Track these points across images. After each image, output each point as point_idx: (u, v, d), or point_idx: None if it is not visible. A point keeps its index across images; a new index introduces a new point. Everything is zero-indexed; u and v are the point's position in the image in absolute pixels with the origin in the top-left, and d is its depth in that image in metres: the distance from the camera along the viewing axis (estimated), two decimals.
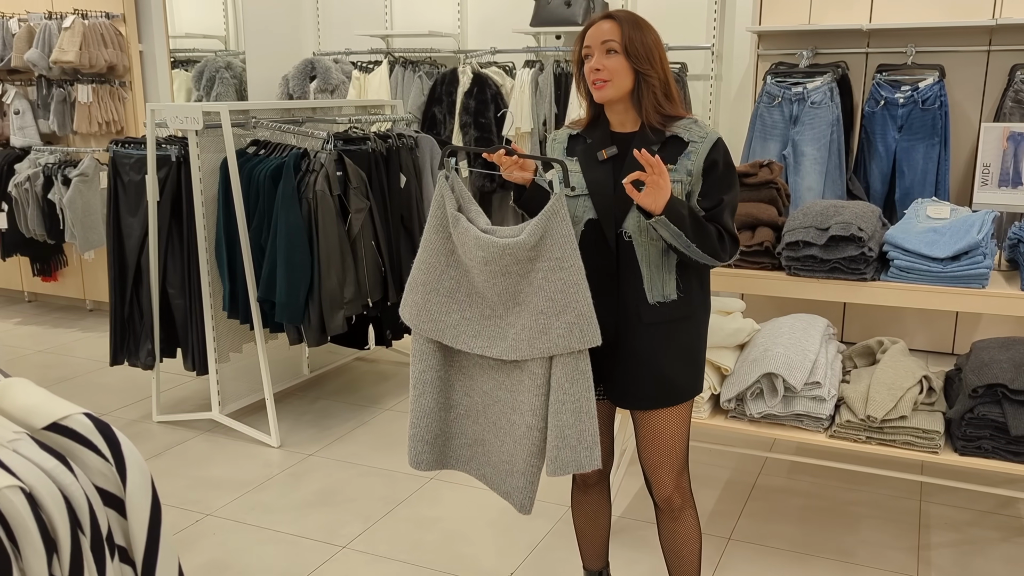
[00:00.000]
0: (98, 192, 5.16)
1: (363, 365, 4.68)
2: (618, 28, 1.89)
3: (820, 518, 2.98)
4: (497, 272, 1.88)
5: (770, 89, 4.40)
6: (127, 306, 3.87)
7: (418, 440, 2.06)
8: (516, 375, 1.94)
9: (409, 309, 2.04)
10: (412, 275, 2.04)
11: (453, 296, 1.99)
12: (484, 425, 2.05)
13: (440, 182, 1.97)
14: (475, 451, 2.08)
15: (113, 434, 0.78)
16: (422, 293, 2.01)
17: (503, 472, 2.02)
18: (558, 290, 1.84)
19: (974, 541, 2.83)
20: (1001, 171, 2.87)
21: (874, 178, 4.33)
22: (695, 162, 1.91)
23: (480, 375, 2.02)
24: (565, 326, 1.85)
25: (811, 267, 2.74)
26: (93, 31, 5.17)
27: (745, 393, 2.61)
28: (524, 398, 1.93)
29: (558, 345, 1.85)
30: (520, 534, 2.91)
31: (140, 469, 0.78)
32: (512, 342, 1.90)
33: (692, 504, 2.14)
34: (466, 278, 1.97)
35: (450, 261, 1.98)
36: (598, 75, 1.90)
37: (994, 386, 2.37)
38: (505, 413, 1.99)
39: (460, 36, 5.75)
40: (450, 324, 1.99)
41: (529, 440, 1.93)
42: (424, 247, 2.01)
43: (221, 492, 3.23)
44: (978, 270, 2.56)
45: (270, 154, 3.67)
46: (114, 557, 0.76)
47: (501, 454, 2.02)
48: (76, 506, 0.73)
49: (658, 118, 1.93)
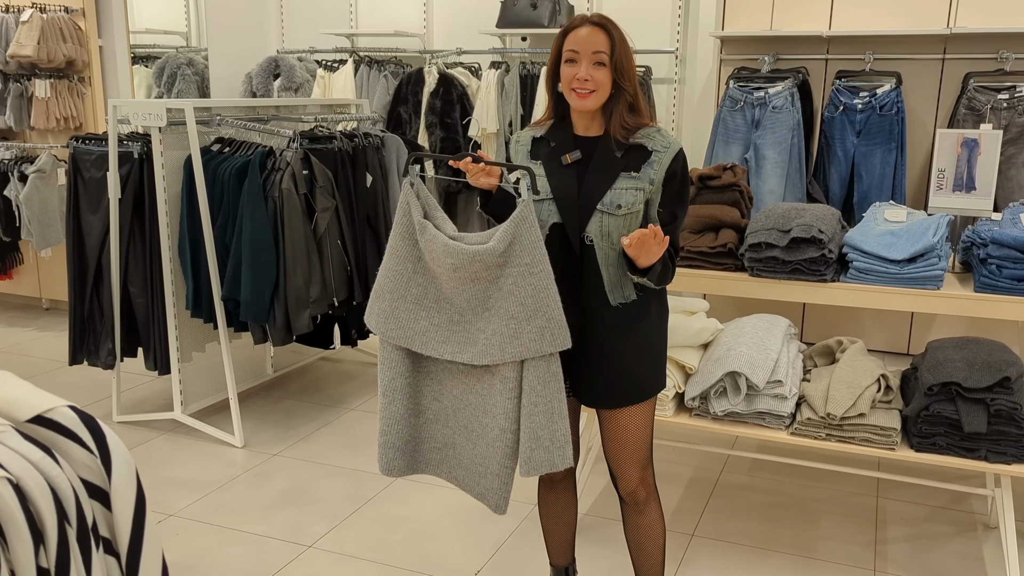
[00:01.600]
0: (56, 189, 5.07)
1: (327, 365, 4.66)
2: (610, 41, 1.91)
3: (781, 514, 3.04)
4: (466, 279, 1.90)
5: (733, 93, 4.47)
6: (87, 305, 3.81)
7: (389, 447, 2.07)
8: (487, 379, 1.96)
9: (376, 317, 2.04)
10: (378, 283, 2.04)
11: (421, 303, 2.00)
12: (454, 429, 2.06)
13: (405, 189, 1.98)
14: (445, 454, 2.10)
15: (98, 427, 0.78)
16: (389, 300, 2.01)
17: (476, 474, 2.04)
18: (528, 295, 1.87)
19: (929, 536, 2.91)
20: (955, 176, 2.95)
21: (833, 182, 4.42)
22: (657, 172, 1.95)
23: (449, 380, 2.04)
24: (536, 330, 1.87)
25: (773, 268, 2.79)
26: (51, 25, 5.08)
27: (709, 391, 2.65)
28: (496, 401, 1.95)
29: (529, 349, 1.88)
30: (486, 532, 2.93)
31: (125, 462, 0.79)
32: (483, 347, 1.92)
33: (656, 498, 2.18)
34: (433, 284, 1.98)
35: (417, 268, 1.99)
36: (585, 85, 1.92)
37: (948, 384, 2.43)
38: (477, 416, 2.00)
39: (426, 36, 5.75)
40: (419, 331, 2.00)
41: (502, 442, 1.95)
42: (390, 254, 2.01)
43: (184, 492, 3.20)
44: (933, 272, 2.64)
45: (235, 152, 3.64)
46: (99, 548, 0.76)
47: (473, 456, 2.03)
48: (63, 497, 0.73)
49: (622, 131, 1.97)
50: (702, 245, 2.90)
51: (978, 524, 2.98)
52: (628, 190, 1.94)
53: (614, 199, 1.93)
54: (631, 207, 1.94)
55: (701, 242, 2.91)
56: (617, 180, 1.94)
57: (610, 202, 1.93)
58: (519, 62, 5.20)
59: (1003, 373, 2.39)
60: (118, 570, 0.78)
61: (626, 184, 1.94)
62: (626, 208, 1.93)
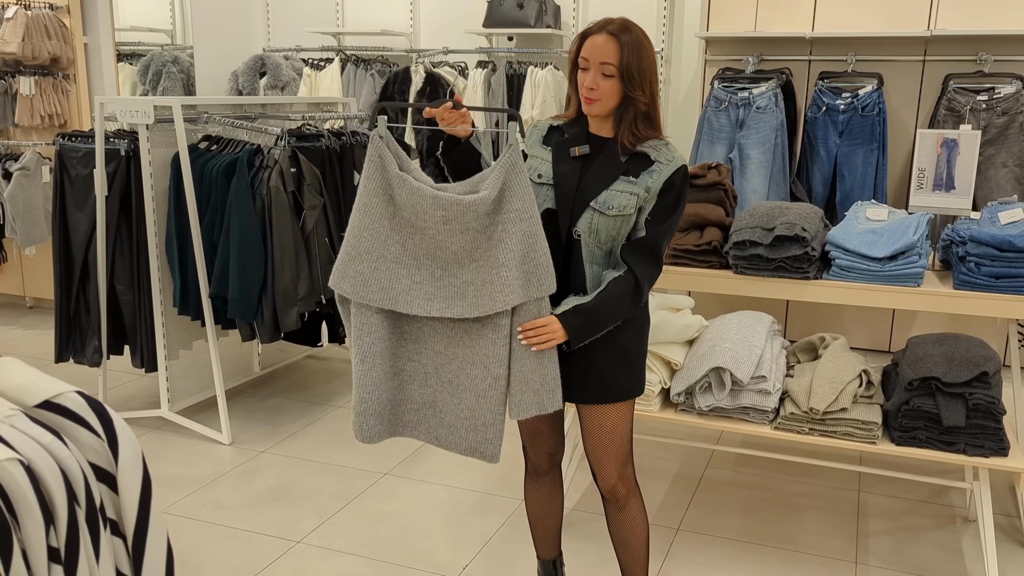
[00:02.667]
0: (40, 187, 5.05)
1: (314, 363, 4.67)
2: (619, 53, 1.91)
3: (764, 508, 3.08)
4: (456, 230, 1.86)
5: (717, 94, 4.51)
6: (73, 302, 3.81)
7: (369, 414, 2.00)
8: (477, 329, 1.93)
9: (351, 280, 1.94)
10: (350, 244, 1.93)
11: (400, 261, 1.92)
12: (435, 387, 2.01)
13: (374, 142, 1.88)
14: (424, 414, 2.04)
15: (106, 411, 0.80)
16: (367, 262, 1.92)
17: (464, 428, 2.00)
18: (517, 241, 1.85)
19: (909, 529, 2.96)
20: (935, 175, 3.00)
21: (816, 181, 4.48)
22: (655, 181, 1.97)
23: (430, 337, 1.98)
24: (524, 276, 1.87)
25: (757, 266, 2.83)
26: (36, 22, 5.06)
27: (694, 387, 2.69)
28: (489, 350, 1.93)
29: (518, 295, 1.88)
30: (474, 527, 2.95)
31: (132, 445, 0.81)
32: (473, 299, 1.90)
33: (638, 494, 2.20)
34: (411, 241, 1.91)
35: (393, 225, 1.91)
36: (591, 93, 1.95)
37: (928, 379, 2.48)
38: (464, 368, 1.97)
39: (412, 35, 5.76)
40: (401, 290, 1.92)
41: (496, 391, 1.94)
42: (363, 212, 1.90)
43: (172, 489, 3.20)
44: (913, 269, 2.68)
45: (223, 150, 3.65)
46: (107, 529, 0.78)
47: (460, 411, 1.99)
48: (72, 479, 0.75)
49: (631, 139, 1.98)
50: (687, 243, 2.94)
51: (957, 517, 3.03)
52: (623, 193, 1.96)
53: (608, 199, 1.96)
54: (622, 210, 1.96)
55: (686, 240, 2.95)
56: (615, 182, 1.97)
57: (604, 201, 1.96)
58: (506, 62, 5.23)
59: (981, 368, 2.44)
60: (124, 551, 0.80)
61: (622, 187, 1.97)
62: (617, 210, 1.96)
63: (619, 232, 1.99)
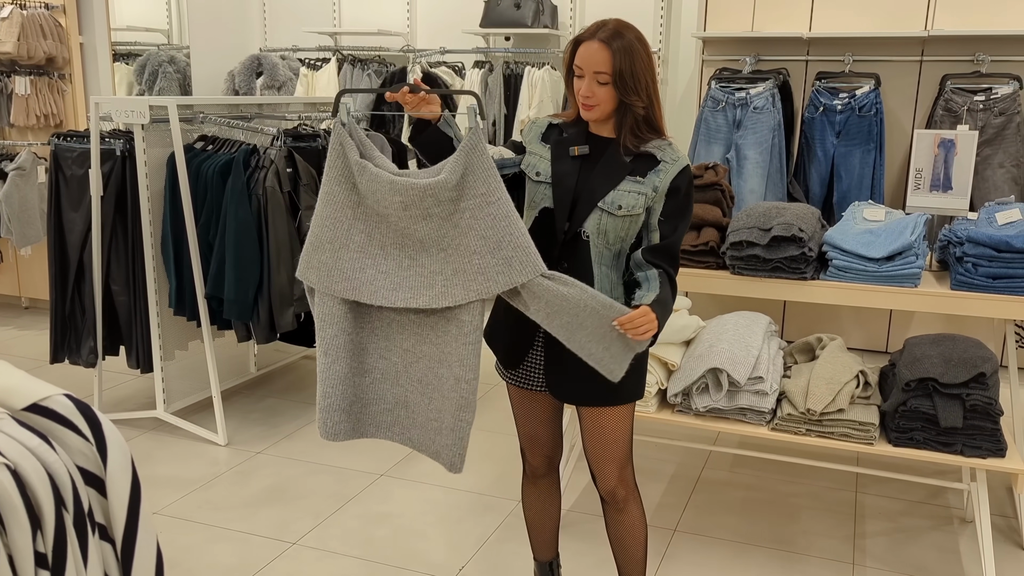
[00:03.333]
0: (36, 187, 5.03)
1: (310, 363, 4.66)
2: (611, 60, 1.88)
3: (761, 509, 3.07)
4: (418, 216, 1.79)
5: (714, 94, 4.51)
6: (68, 303, 3.79)
7: (333, 410, 1.93)
8: (442, 326, 1.86)
9: (316, 271, 1.89)
10: (314, 233, 1.89)
11: (365, 250, 1.86)
12: (406, 386, 1.95)
13: (336, 129, 1.82)
14: (397, 415, 1.98)
15: (94, 415, 0.79)
16: (330, 251, 1.87)
17: (431, 431, 1.94)
18: (488, 226, 1.76)
19: (906, 530, 2.95)
20: (932, 176, 3.00)
21: (813, 182, 4.47)
22: (662, 180, 1.96)
23: (398, 333, 1.91)
24: (503, 261, 1.77)
25: (754, 266, 2.82)
26: (32, 22, 5.05)
27: (691, 388, 2.68)
28: (451, 349, 1.86)
29: (498, 283, 1.78)
30: (470, 528, 2.94)
31: (121, 449, 0.80)
32: (442, 288, 1.82)
33: (637, 496, 2.19)
34: (377, 230, 1.86)
35: (357, 214, 1.86)
36: (587, 100, 1.93)
37: (925, 380, 2.48)
38: (432, 367, 1.90)
39: (409, 35, 5.76)
40: (366, 280, 1.86)
41: (457, 393, 1.86)
42: (325, 201, 1.86)
43: (167, 490, 3.19)
44: (911, 270, 2.68)
45: (219, 150, 3.64)
46: (95, 534, 0.77)
47: (428, 412, 1.93)
48: (60, 483, 0.74)
49: (633, 141, 1.97)
50: (684, 243, 2.93)
51: (954, 518, 3.03)
52: (631, 193, 1.95)
53: (616, 199, 1.95)
54: (631, 209, 1.95)
55: (683, 240, 2.94)
56: (622, 182, 1.96)
57: (612, 201, 1.95)
58: (503, 62, 5.22)
59: (978, 369, 2.44)
60: (113, 556, 0.79)
61: (629, 187, 1.95)
62: (626, 210, 1.95)
63: (628, 232, 1.98)
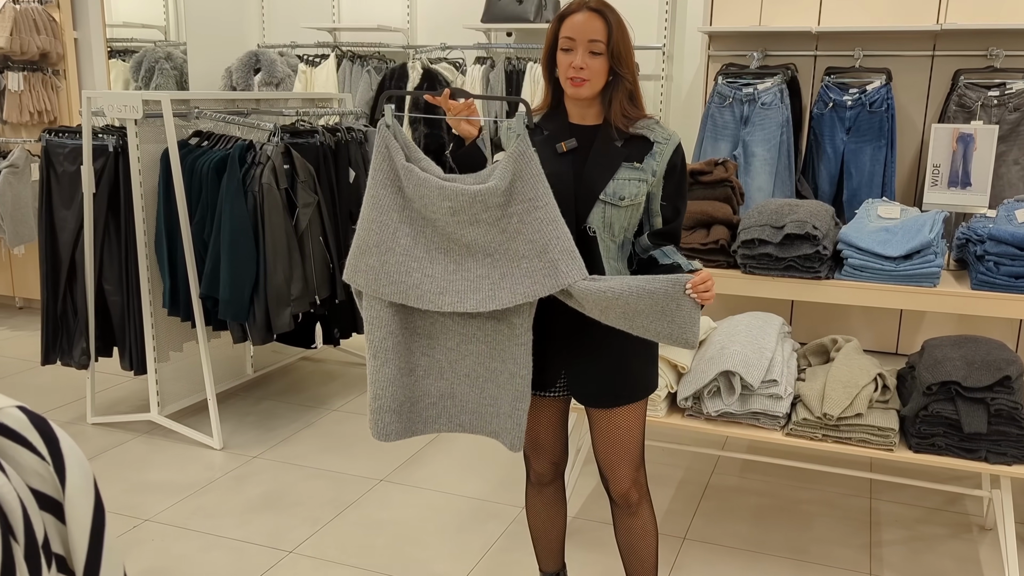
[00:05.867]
0: (29, 185, 4.94)
1: (309, 365, 4.57)
2: (606, 28, 1.84)
3: (773, 516, 2.97)
4: (465, 222, 1.80)
5: (721, 90, 4.41)
6: (60, 303, 3.70)
7: (384, 411, 1.94)
8: (492, 325, 1.88)
9: (364, 275, 1.90)
10: (360, 237, 1.90)
11: (411, 254, 1.87)
12: (452, 380, 1.97)
13: (381, 131, 1.83)
14: (444, 406, 2.00)
15: (51, 430, 0.70)
16: (377, 255, 1.88)
17: (487, 415, 1.96)
18: (536, 230, 1.77)
19: (924, 538, 2.85)
20: (951, 172, 2.90)
21: (822, 179, 4.38)
22: (660, 163, 1.90)
23: (442, 333, 1.93)
24: (549, 264, 1.78)
25: (766, 265, 2.73)
26: (25, 16, 4.95)
27: (702, 391, 2.59)
28: (504, 347, 1.88)
29: (545, 286, 1.79)
30: (473, 536, 2.85)
31: (81, 469, 0.70)
32: (489, 292, 1.83)
33: (649, 500, 2.11)
34: (423, 233, 1.87)
35: (403, 217, 1.87)
36: (580, 73, 1.85)
37: (947, 384, 2.38)
38: (482, 362, 1.92)
39: (409, 31, 5.66)
40: (412, 284, 1.87)
41: (512, 385, 1.89)
42: (371, 205, 1.87)
43: (161, 496, 3.10)
44: (929, 269, 2.58)
45: (214, 146, 3.55)
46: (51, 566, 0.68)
47: (482, 399, 1.95)
48: (8, 510, 0.64)
49: (623, 120, 1.90)
50: (694, 242, 2.84)
51: (973, 526, 2.93)
52: (631, 181, 1.87)
53: (617, 190, 1.87)
54: (634, 199, 1.87)
55: (693, 239, 2.85)
56: (619, 170, 1.88)
57: (613, 193, 1.86)
58: (504, 57, 5.13)
59: (1003, 372, 2.34)
60: None
61: (628, 175, 1.88)
62: (629, 200, 1.87)
63: (631, 222, 1.91)
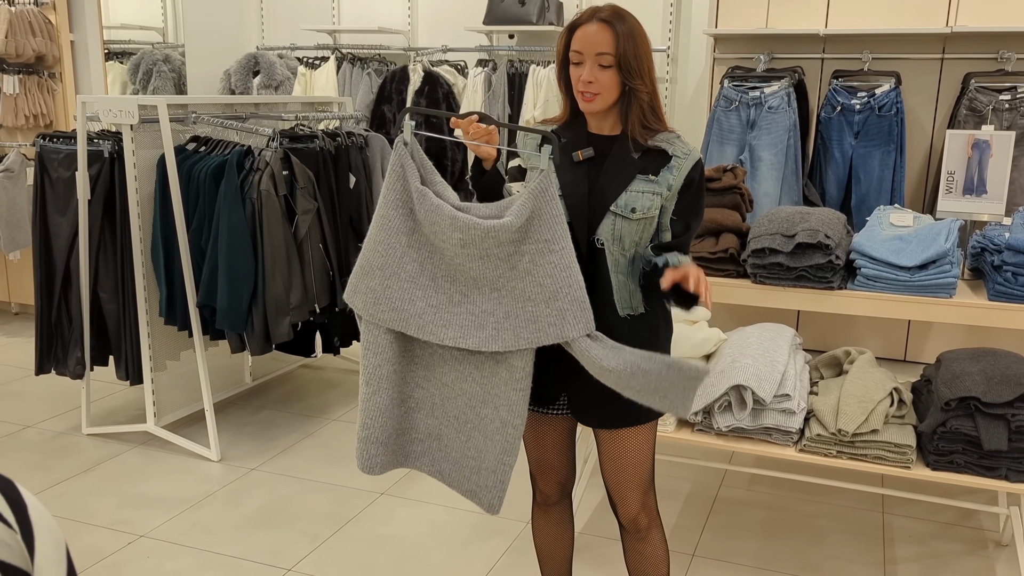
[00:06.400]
0: (25, 189, 4.87)
1: (309, 373, 4.50)
2: (614, 40, 1.76)
3: (784, 532, 2.90)
4: (475, 255, 1.70)
5: (728, 93, 4.34)
6: (55, 311, 3.63)
7: (371, 442, 1.86)
8: (490, 366, 1.78)
9: (363, 297, 1.81)
10: (365, 257, 1.81)
11: (416, 281, 1.78)
12: (442, 419, 1.87)
13: (398, 149, 1.74)
14: (428, 446, 1.90)
15: (17, 494, 0.63)
16: (380, 278, 1.79)
17: (468, 469, 1.86)
18: (547, 274, 1.68)
19: (939, 555, 2.78)
20: (966, 179, 2.83)
21: (830, 184, 4.31)
22: (676, 178, 1.83)
23: (440, 366, 1.83)
24: (556, 313, 1.69)
25: (777, 275, 2.67)
26: (20, 18, 4.88)
27: (712, 406, 2.52)
28: (500, 391, 1.78)
29: (548, 334, 1.70)
30: (477, 552, 2.78)
31: (52, 536, 0.63)
32: (492, 331, 1.73)
33: (659, 523, 2.04)
34: (430, 260, 1.77)
35: (411, 241, 1.77)
36: (589, 87, 1.78)
37: (967, 399, 2.31)
38: (473, 407, 1.82)
39: (410, 33, 5.59)
40: (415, 312, 1.78)
41: (503, 436, 1.79)
42: (380, 225, 1.78)
43: (156, 511, 3.03)
44: (946, 279, 2.52)
45: (211, 151, 3.47)
46: None
47: (466, 450, 1.85)
48: None
49: (642, 132, 1.83)
50: (702, 250, 2.78)
51: (989, 542, 2.86)
52: (644, 194, 1.81)
53: (629, 202, 1.80)
54: (646, 212, 1.80)
55: (701, 247, 2.78)
56: (633, 182, 1.81)
57: (624, 204, 1.80)
58: (507, 60, 5.06)
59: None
60: None
61: (642, 187, 1.81)
62: (641, 212, 1.80)
63: (643, 236, 1.84)
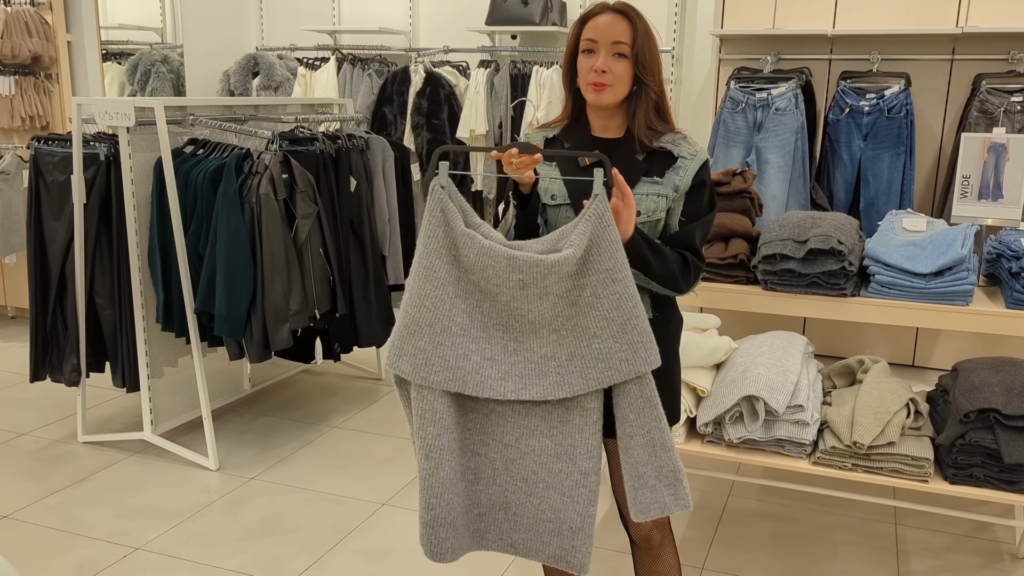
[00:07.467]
0: (20, 192, 4.81)
1: (309, 378, 4.43)
2: (632, 30, 1.71)
3: (795, 544, 2.84)
4: (535, 296, 1.58)
5: (734, 94, 4.28)
6: (49, 317, 3.56)
7: (440, 524, 1.65)
8: (559, 414, 1.64)
9: (412, 359, 1.63)
10: (409, 315, 1.63)
11: (468, 333, 1.62)
12: (506, 485, 1.71)
13: (435, 193, 1.59)
14: (494, 518, 1.73)
15: None
16: (429, 336, 1.62)
17: (546, 533, 1.70)
18: (613, 306, 1.56)
19: (954, 568, 2.72)
20: (981, 183, 2.77)
21: (838, 187, 4.24)
22: (683, 179, 1.77)
23: (500, 427, 1.67)
24: (628, 347, 1.56)
25: (789, 282, 2.61)
26: (16, 18, 4.82)
27: (724, 416, 2.45)
28: (576, 440, 1.64)
29: (621, 371, 1.57)
30: (480, 566, 2.71)
31: None
32: (556, 377, 1.60)
33: (672, 540, 1.98)
34: (479, 309, 1.63)
35: (458, 291, 1.62)
36: (602, 77, 1.71)
37: (986, 411, 2.25)
38: (545, 463, 1.67)
39: (412, 34, 5.53)
40: (471, 369, 1.62)
41: (585, 488, 1.65)
42: (424, 277, 1.61)
43: (153, 522, 2.96)
44: (963, 286, 2.46)
45: (209, 154, 3.41)
46: None
47: (539, 513, 1.69)
48: None
49: (647, 132, 1.77)
50: (711, 256, 2.71)
51: (1004, 554, 2.79)
52: (649, 196, 1.75)
53: (635, 204, 1.73)
54: (652, 214, 1.75)
55: (710, 253, 2.72)
56: (638, 185, 1.75)
57: None
58: (509, 61, 5.00)
59: None
60: None
61: (647, 189, 1.75)
62: (646, 214, 1.74)
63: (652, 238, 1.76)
